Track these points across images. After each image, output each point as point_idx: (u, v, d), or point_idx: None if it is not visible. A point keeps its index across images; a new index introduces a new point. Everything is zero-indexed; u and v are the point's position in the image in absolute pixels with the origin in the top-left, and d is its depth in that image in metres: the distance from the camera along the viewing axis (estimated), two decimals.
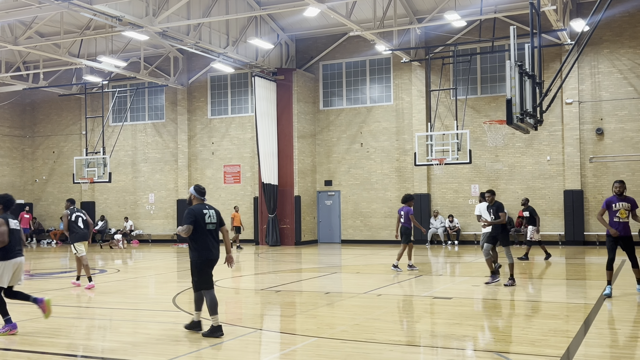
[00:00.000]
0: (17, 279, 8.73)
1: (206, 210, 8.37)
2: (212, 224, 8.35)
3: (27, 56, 27.18)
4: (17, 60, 26.99)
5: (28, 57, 27.66)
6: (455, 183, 25.65)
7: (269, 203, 26.22)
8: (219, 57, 24.84)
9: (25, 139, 32.98)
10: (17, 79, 28.70)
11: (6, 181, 31.91)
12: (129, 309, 10.89)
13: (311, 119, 27.80)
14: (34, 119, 33.06)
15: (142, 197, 30.64)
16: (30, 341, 8.06)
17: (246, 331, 8.58)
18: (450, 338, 7.99)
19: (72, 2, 17.58)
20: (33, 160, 33.04)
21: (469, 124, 24.70)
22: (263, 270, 17.58)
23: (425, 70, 25.72)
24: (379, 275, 15.18)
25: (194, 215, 8.21)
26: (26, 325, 9.18)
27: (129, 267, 19.18)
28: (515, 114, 11.42)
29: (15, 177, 32.46)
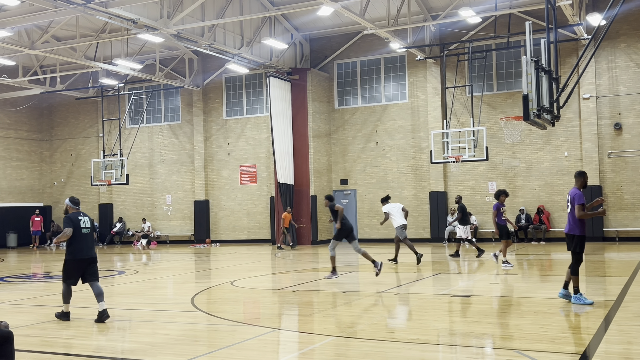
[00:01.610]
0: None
1: (81, 217, 9.75)
2: (86, 229, 9.78)
3: (44, 60, 27.43)
4: (34, 65, 27.24)
5: (45, 61, 27.92)
6: (472, 180, 25.52)
7: (285, 203, 26.24)
8: (234, 57, 24.91)
9: (43, 143, 33.29)
10: (34, 83, 28.97)
11: (25, 184, 32.23)
12: (147, 309, 10.95)
13: (326, 118, 27.79)
14: (52, 122, 33.36)
15: (159, 198, 30.81)
16: (50, 342, 8.12)
17: (264, 331, 8.60)
18: (469, 336, 7.94)
19: (87, 5, 17.71)
20: (51, 164, 33.34)
21: (485, 120, 24.56)
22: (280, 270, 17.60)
23: (440, 68, 25.61)
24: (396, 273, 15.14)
25: (71, 221, 9.58)
26: (46, 327, 9.26)
27: (148, 268, 19.29)
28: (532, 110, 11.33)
29: (33, 180, 32.77)
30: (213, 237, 29.29)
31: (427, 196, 25.95)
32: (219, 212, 29.37)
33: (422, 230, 26.08)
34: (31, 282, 15.87)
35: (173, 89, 29.84)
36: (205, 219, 29.31)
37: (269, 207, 27.95)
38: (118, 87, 29.54)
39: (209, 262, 20.44)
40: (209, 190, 29.57)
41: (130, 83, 30.40)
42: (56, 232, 32.11)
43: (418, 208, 26.19)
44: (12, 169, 31.58)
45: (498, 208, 15.66)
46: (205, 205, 29.39)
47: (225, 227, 29.20)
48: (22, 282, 15.87)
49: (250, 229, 28.68)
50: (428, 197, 25.91)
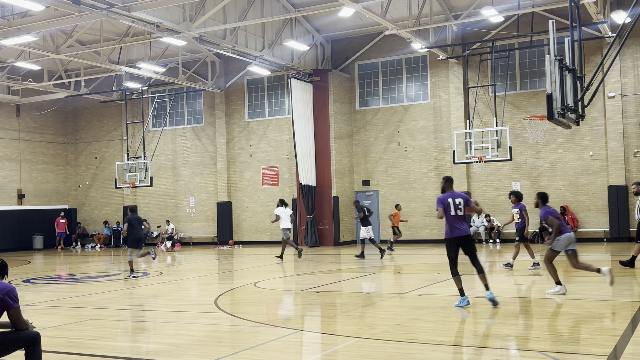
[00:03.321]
0: None
1: None
2: None
3: (68, 64, 27.77)
4: (59, 69, 27.59)
5: (69, 65, 28.27)
6: (496, 181, 25.32)
7: (307, 204, 26.27)
8: (255, 60, 25.00)
9: (68, 146, 33.70)
10: (59, 87, 29.34)
11: (51, 187, 32.65)
12: (172, 310, 11.02)
13: (348, 119, 27.77)
14: (77, 125, 33.76)
15: (182, 200, 31.02)
16: (77, 344, 8.22)
17: (287, 332, 8.61)
18: (494, 338, 7.88)
19: (111, 10, 17.90)
20: (76, 166, 33.74)
21: (508, 120, 24.35)
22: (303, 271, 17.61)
23: (462, 67, 25.46)
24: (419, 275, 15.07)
25: None
26: (72, 328, 9.37)
27: (172, 269, 19.43)
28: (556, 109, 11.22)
29: (59, 183, 33.19)
30: (236, 238, 29.42)
31: None
32: (241, 213, 29.49)
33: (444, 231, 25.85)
34: (57, 284, 16.07)
35: (195, 91, 30.03)
36: (228, 221, 29.44)
37: (292, 208, 27.98)
38: (141, 91, 29.81)
39: (232, 263, 20.53)
40: (232, 192, 29.71)
41: (154, 86, 30.67)
42: (82, 234, 32.52)
43: None
44: (38, 172, 32.01)
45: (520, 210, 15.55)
46: (228, 207, 29.53)
47: (248, 228, 29.31)
48: (48, 283, 16.08)
49: (272, 230, 28.74)
50: None
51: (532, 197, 24.52)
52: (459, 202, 10.07)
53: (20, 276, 17.48)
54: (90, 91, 30.28)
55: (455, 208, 9.99)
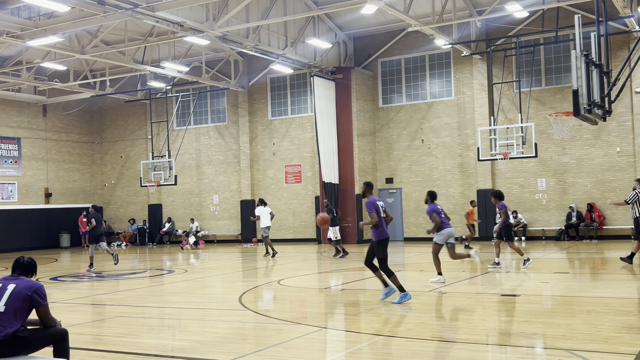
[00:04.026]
0: None
1: None
2: None
3: (93, 64, 28.07)
4: (85, 69, 27.91)
5: (95, 65, 28.57)
6: (521, 177, 25.07)
7: (330, 202, 26.25)
8: (278, 58, 25.05)
9: (94, 145, 34.09)
10: (84, 86, 29.68)
11: (77, 186, 33.06)
12: (196, 308, 11.10)
13: (370, 117, 27.70)
14: (102, 125, 34.13)
15: (206, 198, 31.22)
16: (103, 341, 8.31)
17: (311, 329, 8.62)
18: (520, 336, 7.81)
19: (135, 10, 18.05)
20: (102, 165, 34.12)
21: (533, 116, 24.10)
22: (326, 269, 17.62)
23: (486, 63, 25.25)
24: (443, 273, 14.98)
25: None
26: (99, 325, 9.48)
27: (196, 267, 19.57)
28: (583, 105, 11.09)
29: (85, 182, 33.59)
30: (259, 236, 29.53)
31: (475, 194, 25.60)
32: None
33: None
34: (83, 282, 16.27)
35: (219, 90, 30.19)
36: None
37: (314, 206, 28.01)
38: (166, 90, 30.04)
39: (255, 261, 20.61)
40: (255, 190, 29.82)
41: (178, 85, 30.88)
42: (107, 232, 32.88)
43: (465, 206, 25.82)
44: (64, 171, 32.44)
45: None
46: (252, 204, 29.62)
47: (272, 226, 29.35)
48: (75, 281, 16.29)
49: (295, 228, 28.80)
50: (475, 195, 25.57)
51: (557, 194, 24.35)
52: (383, 206, 10.71)
53: (47, 274, 17.73)
54: (115, 91, 30.59)
55: (382, 211, 10.60)
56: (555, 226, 24.47)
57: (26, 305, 5.84)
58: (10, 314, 5.73)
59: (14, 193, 29.99)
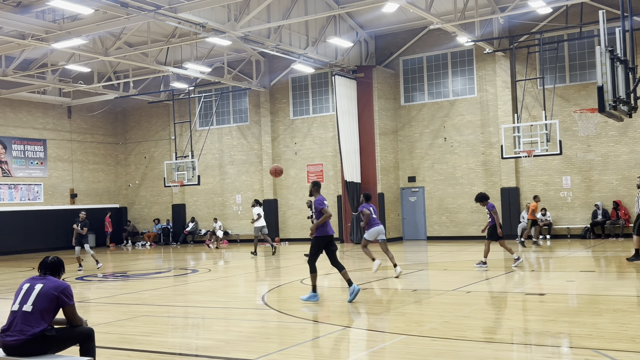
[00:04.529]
0: None
1: None
2: None
3: (117, 66, 28.36)
4: (108, 71, 28.20)
5: (118, 67, 28.86)
6: (546, 175, 24.82)
7: (352, 201, 26.24)
8: (299, 58, 25.08)
9: (118, 146, 34.44)
10: (108, 88, 29.99)
11: (102, 187, 33.43)
12: (220, 307, 11.17)
13: (392, 115, 27.62)
14: (126, 126, 34.47)
15: (229, 198, 31.37)
16: (128, 339, 8.40)
17: (335, 329, 8.62)
18: (545, 335, 7.74)
19: (157, 11, 18.20)
20: (126, 166, 34.45)
21: (558, 113, 23.84)
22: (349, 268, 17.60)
23: (509, 60, 25.03)
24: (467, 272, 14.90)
25: None
26: (124, 324, 9.58)
27: (220, 266, 19.67)
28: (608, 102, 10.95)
29: (110, 182, 33.95)
30: (282, 235, 29.61)
31: (499, 192, 25.41)
32: (287, 211, 29.65)
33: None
34: (109, 282, 16.45)
35: (241, 90, 30.32)
36: (274, 218, 29.64)
37: (337, 205, 28.01)
38: (188, 91, 30.24)
39: (278, 260, 20.67)
40: (277, 189, 29.90)
41: (200, 86, 31.07)
42: (132, 232, 33.21)
43: None
44: (89, 172, 32.81)
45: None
46: (274, 204, 29.73)
47: (294, 225, 29.45)
48: (100, 281, 16.48)
49: None
50: (499, 193, 25.38)
51: (583, 192, 24.06)
52: (327, 205, 11.00)
53: (74, 274, 17.96)
54: (139, 92, 30.87)
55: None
56: (580, 224, 24.19)
57: (53, 305, 5.92)
58: (37, 314, 5.82)
59: (40, 194, 30.42)
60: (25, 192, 29.80)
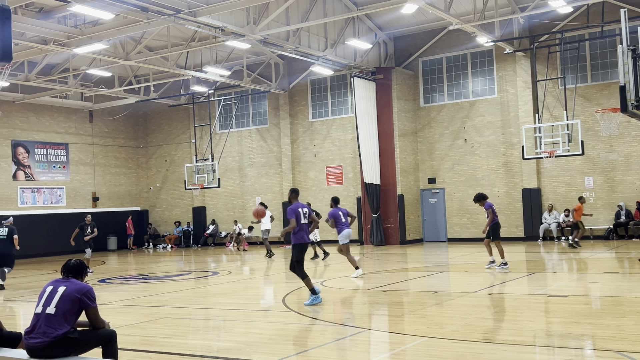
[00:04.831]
0: None
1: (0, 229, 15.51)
2: (2, 235, 15.44)
3: (137, 70, 28.60)
4: (129, 75, 28.44)
5: (139, 71, 29.10)
6: (568, 176, 24.57)
7: (372, 203, 26.19)
8: (318, 60, 25.10)
9: (139, 149, 34.72)
10: (129, 92, 30.24)
11: (123, 190, 33.71)
12: (241, 309, 11.20)
13: (412, 117, 27.52)
14: (147, 129, 34.74)
15: (249, 200, 31.46)
16: (150, 342, 8.45)
17: (355, 331, 8.61)
18: (568, 337, 7.65)
19: (177, 16, 18.33)
20: (147, 169, 34.72)
21: (579, 113, 23.60)
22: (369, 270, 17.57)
23: (530, 60, 24.82)
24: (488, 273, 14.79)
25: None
26: (146, 326, 9.64)
27: (240, 268, 19.73)
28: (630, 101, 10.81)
29: (131, 185, 34.23)
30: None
31: (520, 193, 25.20)
32: None
33: (515, 228, 25.35)
34: (131, 284, 16.58)
35: (260, 93, 30.41)
36: None
37: (356, 207, 27.96)
38: (208, 94, 30.41)
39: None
40: None
41: (220, 89, 31.22)
42: (153, 234, 33.45)
43: (510, 206, 25.49)
44: (111, 175, 33.11)
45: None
46: None
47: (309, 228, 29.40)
48: (122, 283, 16.61)
49: None
50: (520, 194, 25.17)
51: (605, 193, 23.78)
52: (306, 212, 11.11)
53: (96, 276, 18.13)
54: (159, 96, 31.10)
55: (303, 217, 10.99)
56: (603, 225, 23.90)
57: (76, 307, 5.98)
58: (60, 316, 5.88)
59: (63, 197, 30.76)
60: (48, 196, 30.16)
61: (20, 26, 18.48)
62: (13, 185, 28.70)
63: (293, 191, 11.40)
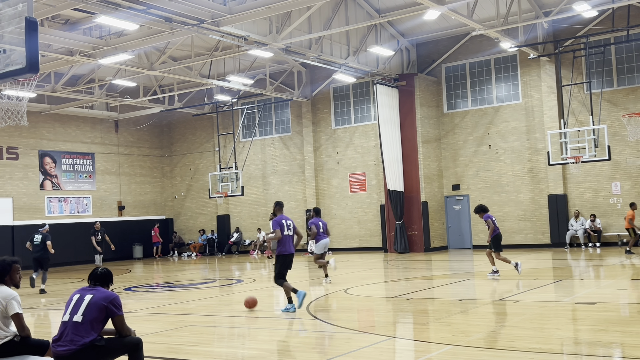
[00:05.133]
0: None
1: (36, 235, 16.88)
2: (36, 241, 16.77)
3: (162, 80, 28.89)
4: (154, 85, 28.74)
5: (163, 81, 29.40)
6: (594, 182, 24.25)
7: (396, 210, 26.09)
8: (341, 67, 25.13)
9: (164, 158, 35.04)
10: (154, 102, 30.55)
11: (149, 199, 34.02)
12: (265, 317, 11.21)
13: (435, 123, 27.40)
14: (171, 138, 35.05)
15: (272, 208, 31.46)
16: (176, 349, 8.50)
17: (380, 339, 8.56)
18: (596, 345, 7.54)
19: (201, 25, 18.50)
20: (172, 178, 35.00)
21: (606, 118, 23.30)
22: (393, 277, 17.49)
23: (555, 65, 24.59)
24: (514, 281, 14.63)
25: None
26: (172, 334, 9.70)
27: (264, 276, 19.77)
28: None
29: (156, 194, 34.53)
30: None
31: (546, 199, 24.93)
32: (330, 220, 29.64)
33: (541, 235, 25.07)
34: (156, 292, 16.69)
35: (283, 101, 30.53)
36: None
37: (380, 214, 27.89)
38: (231, 103, 30.60)
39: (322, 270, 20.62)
40: (320, 199, 29.94)
41: (243, 98, 31.40)
42: (178, 243, 33.68)
43: (536, 212, 25.22)
44: (136, 184, 33.44)
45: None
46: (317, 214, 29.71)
47: (337, 235, 29.41)
48: (148, 291, 16.74)
49: (361, 237, 28.74)
50: (546, 200, 24.90)
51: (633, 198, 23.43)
52: (290, 224, 11.38)
53: (122, 284, 18.29)
54: (183, 105, 31.36)
55: (287, 228, 11.27)
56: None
57: (102, 315, 6.04)
58: (87, 324, 5.94)
59: (89, 206, 31.13)
60: (75, 205, 30.54)
61: (47, 38, 18.79)
62: (40, 195, 29.12)
63: (277, 204, 11.89)
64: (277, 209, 11.76)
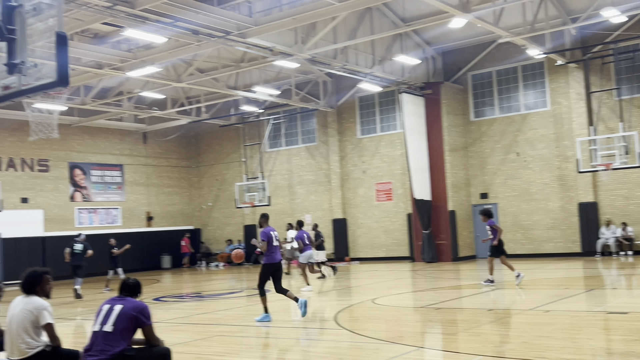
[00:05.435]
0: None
1: (76, 244, 18.44)
2: (77, 249, 18.39)
3: (189, 92, 29.18)
4: (181, 96, 29.04)
5: (190, 93, 29.69)
6: (625, 189, 23.85)
7: (423, 219, 25.94)
8: (366, 77, 25.13)
9: (191, 169, 35.33)
10: (181, 113, 30.86)
11: (177, 209, 34.31)
12: (292, 327, 11.20)
13: (462, 131, 27.23)
14: (199, 149, 35.35)
15: (299, 218, 31.51)
16: (204, 359, 8.52)
17: (408, 349, 8.50)
18: (630, 356, 7.39)
19: (227, 37, 18.67)
20: (199, 189, 35.27)
21: (636, 124, 22.93)
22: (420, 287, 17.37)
23: (583, 72, 24.30)
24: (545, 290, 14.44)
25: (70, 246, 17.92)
26: (200, 344, 9.74)
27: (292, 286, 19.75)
28: None
29: (184, 205, 34.81)
30: (352, 254, 29.53)
31: (576, 207, 24.58)
32: (356, 230, 29.59)
33: (571, 244, 24.70)
34: (184, 302, 16.79)
35: (309, 111, 30.62)
36: (344, 237, 29.63)
37: (407, 223, 27.75)
38: (258, 113, 30.78)
39: (349, 279, 20.60)
40: (346, 208, 29.90)
41: (269, 108, 31.57)
42: (206, 253, 33.88)
43: (566, 220, 24.87)
44: (164, 195, 33.76)
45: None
46: (343, 223, 29.73)
47: (364, 244, 29.34)
48: (176, 301, 16.84)
49: (388, 246, 28.61)
50: (577, 208, 24.55)
51: None
52: (276, 235, 11.89)
53: (151, 295, 18.43)
54: (210, 116, 31.63)
55: (275, 239, 11.77)
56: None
57: (132, 325, 6.09)
58: (117, 334, 6.00)
59: (118, 217, 31.49)
60: (104, 216, 30.92)
61: (76, 52, 19.12)
62: (70, 207, 29.54)
63: (263, 216, 12.20)
64: (263, 220, 12.11)
